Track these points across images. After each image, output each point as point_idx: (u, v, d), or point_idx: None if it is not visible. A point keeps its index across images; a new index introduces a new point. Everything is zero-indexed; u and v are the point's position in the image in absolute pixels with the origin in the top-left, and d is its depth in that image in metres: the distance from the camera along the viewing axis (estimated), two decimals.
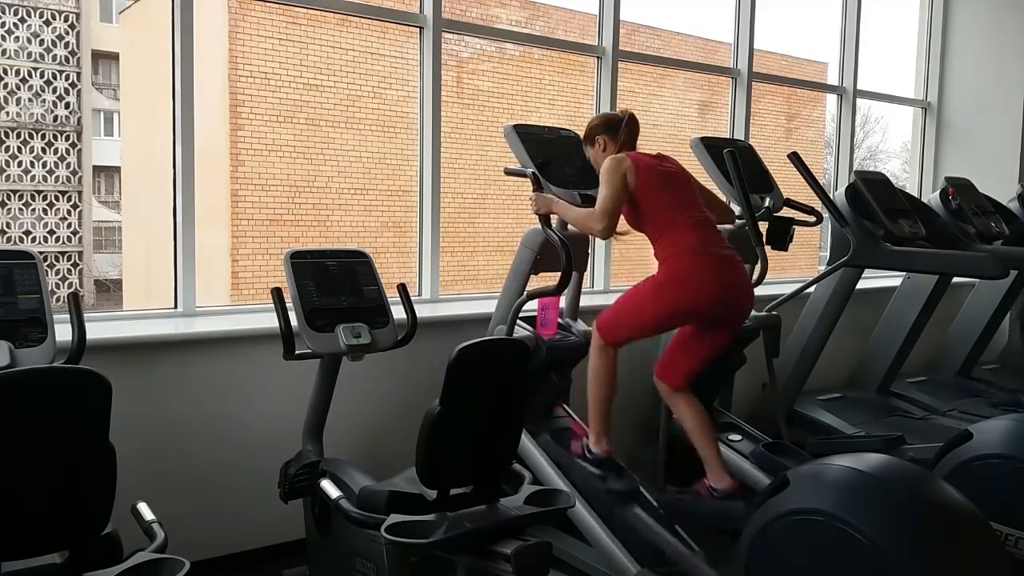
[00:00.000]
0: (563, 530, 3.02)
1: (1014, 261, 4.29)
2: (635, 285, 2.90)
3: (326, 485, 2.40)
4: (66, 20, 17.36)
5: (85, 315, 2.42)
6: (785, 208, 3.73)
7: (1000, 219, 4.49)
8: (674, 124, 8.61)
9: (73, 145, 17.22)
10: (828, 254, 4.12)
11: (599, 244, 4.32)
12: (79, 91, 17.30)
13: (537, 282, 3.18)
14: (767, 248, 3.35)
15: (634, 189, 2.79)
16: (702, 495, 2.90)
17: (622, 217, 2.87)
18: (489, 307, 3.35)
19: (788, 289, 3.93)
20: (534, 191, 3.01)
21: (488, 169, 7.44)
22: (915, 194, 5.83)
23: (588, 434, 3.02)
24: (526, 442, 3.07)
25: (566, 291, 3.22)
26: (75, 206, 17.14)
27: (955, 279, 4.60)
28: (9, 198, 16.72)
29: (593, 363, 2.94)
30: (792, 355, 4.25)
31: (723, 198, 3.37)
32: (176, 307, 3.22)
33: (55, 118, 17.12)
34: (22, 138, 16.91)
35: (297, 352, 2.57)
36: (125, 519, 1.88)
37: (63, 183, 17.08)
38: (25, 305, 2.25)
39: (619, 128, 2.96)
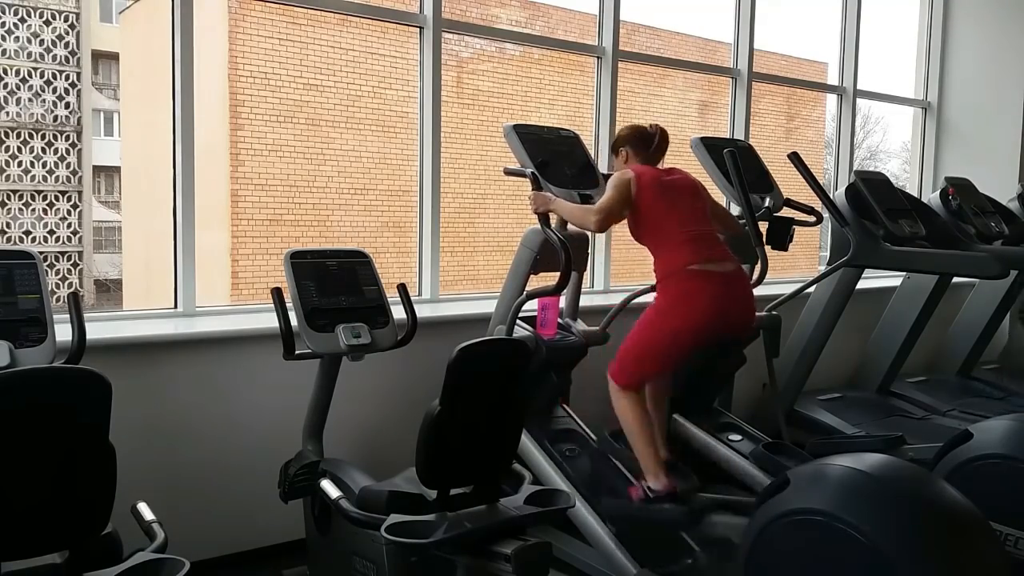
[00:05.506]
0: (563, 530, 3.03)
1: (1014, 261, 4.28)
2: (636, 324, 2.90)
3: (326, 485, 2.40)
4: (66, 20, 17.35)
5: (85, 315, 2.42)
6: (785, 208, 3.73)
7: (1000, 219, 4.49)
8: (674, 124, 8.58)
9: (73, 145, 17.22)
10: (828, 254, 4.12)
11: (599, 244, 4.33)
12: (79, 91, 17.29)
13: (537, 282, 3.18)
14: (767, 248, 3.35)
15: (636, 199, 2.84)
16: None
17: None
18: (489, 307, 3.34)
19: (788, 289, 3.93)
20: (533, 190, 3.01)
21: (488, 169, 7.45)
22: (915, 194, 5.83)
23: (643, 477, 2.88)
24: (526, 442, 3.07)
25: (566, 291, 3.22)
26: (75, 206, 17.13)
27: (955, 279, 4.60)
28: (9, 198, 16.72)
29: (617, 410, 2.90)
30: (792, 355, 4.25)
31: (724, 200, 3.36)
32: (176, 307, 3.22)
33: (55, 118, 17.12)
34: (22, 138, 16.91)
35: (297, 352, 2.57)
36: (125, 519, 1.88)
37: (63, 183, 17.07)
38: (25, 305, 2.26)
39: (645, 143, 3.00)
